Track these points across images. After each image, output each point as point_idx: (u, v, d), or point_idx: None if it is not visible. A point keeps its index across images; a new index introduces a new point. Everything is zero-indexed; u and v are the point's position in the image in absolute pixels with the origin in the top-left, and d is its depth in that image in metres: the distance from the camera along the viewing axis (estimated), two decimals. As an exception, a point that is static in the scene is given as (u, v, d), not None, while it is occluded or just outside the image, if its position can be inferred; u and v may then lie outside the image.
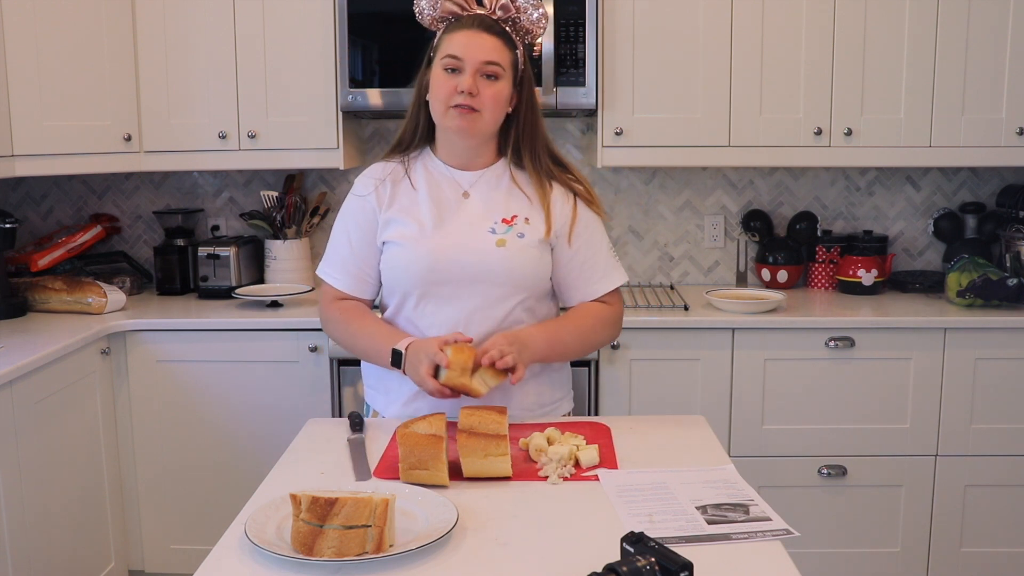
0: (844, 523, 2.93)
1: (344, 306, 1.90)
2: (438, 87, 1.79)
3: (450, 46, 1.78)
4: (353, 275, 1.90)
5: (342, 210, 1.93)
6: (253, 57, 3.06)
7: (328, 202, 3.46)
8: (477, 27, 1.79)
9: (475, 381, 1.68)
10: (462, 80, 1.76)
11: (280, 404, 2.91)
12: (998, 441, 2.88)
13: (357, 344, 1.88)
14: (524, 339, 1.76)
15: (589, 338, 1.89)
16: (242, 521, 1.36)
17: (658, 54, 3.01)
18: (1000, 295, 2.93)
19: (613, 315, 1.92)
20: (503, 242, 1.82)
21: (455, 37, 1.79)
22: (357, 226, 1.89)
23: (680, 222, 3.47)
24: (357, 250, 1.89)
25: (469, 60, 1.76)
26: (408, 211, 1.85)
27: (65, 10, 2.92)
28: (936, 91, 3.00)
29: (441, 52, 1.80)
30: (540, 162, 1.88)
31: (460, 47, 1.77)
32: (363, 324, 1.87)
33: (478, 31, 1.78)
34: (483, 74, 1.77)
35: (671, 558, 1.11)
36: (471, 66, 1.76)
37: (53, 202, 3.54)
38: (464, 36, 1.78)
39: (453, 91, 1.77)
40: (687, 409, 2.87)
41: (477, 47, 1.77)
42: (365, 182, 1.91)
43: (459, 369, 1.66)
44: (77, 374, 2.70)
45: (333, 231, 1.94)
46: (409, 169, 1.89)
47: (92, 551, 2.79)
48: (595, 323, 1.89)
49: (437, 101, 1.80)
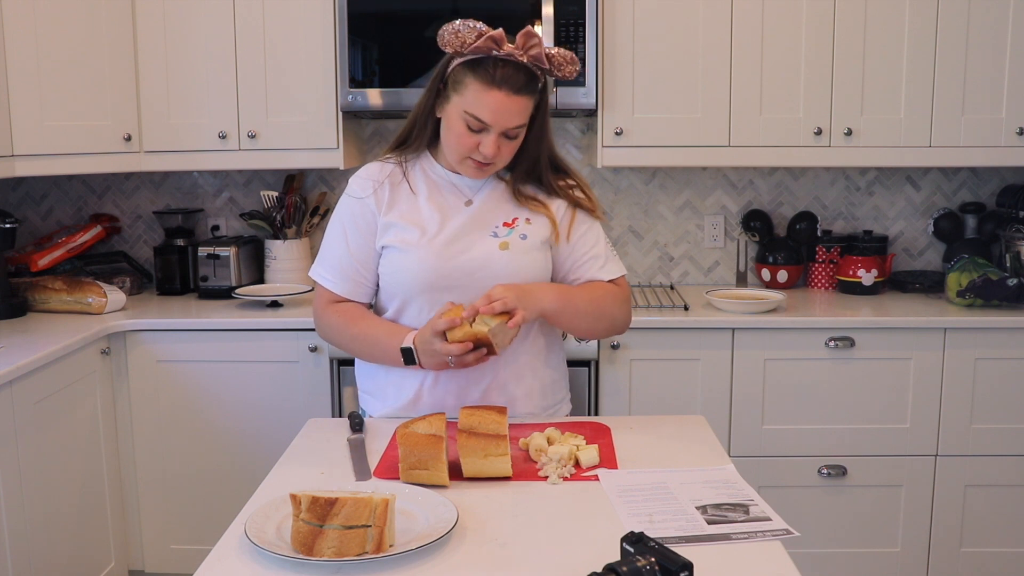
0: (844, 523, 2.93)
1: (341, 308, 1.87)
2: (457, 140, 1.75)
3: (478, 106, 1.69)
4: (350, 278, 1.87)
5: (337, 211, 1.89)
6: (253, 57, 3.06)
7: (328, 202, 3.46)
8: (508, 89, 1.69)
9: (476, 325, 1.66)
10: (485, 144, 1.72)
11: (280, 404, 2.91)
12: (998, 441, 2.88)
13: (359, 346, 1.86)
14: (528, 287, 1.75)
15: (600, 304, 1.84)
16: (242, 521, 1.36)
17: (658, 54, 3.01)
18: (1000, 295, 2.93)
19: (622, 294, 1.90)
20: (506, 245, 1.81)
21: (485, 99, 1.69)
22: (356, 229, 1.85)
23: (680, 222, 3.47)
24: (355, 253, 1.85)
25: (496, 126, 1.72)
26: (409, 216, 1.82)
27: (65, 10, 2.92)
28: (936, 91, 3.00)
29: (465, 100, 1.71)
30: (543, 178, 1.86)
31: (489, 113, 1.69)
32: (363, 326, 1.84)
33: (508, 94, 1.69)
34: (507, 136, 1.75)
35: (671, 558, 1.11)
36: (497, 130, 1.72)
37: (53, 202, 3.54)
38: (494, 101, 1.69)
39: (474, 148, 1.74)
40: (687, 409, 2.87)
41: (506, 113, 1.70)
42: (362, 184, 1.86)
43: (459, 328, 1.67)
44: (77, 374, 2.70)
45: (328, 233, 1.90)
46: (407, 172, 1.87)
47: (92, 551, 2.79)
48: (605, 294, 1.86)
49: (453, 150, 1.77)
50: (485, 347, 1.69)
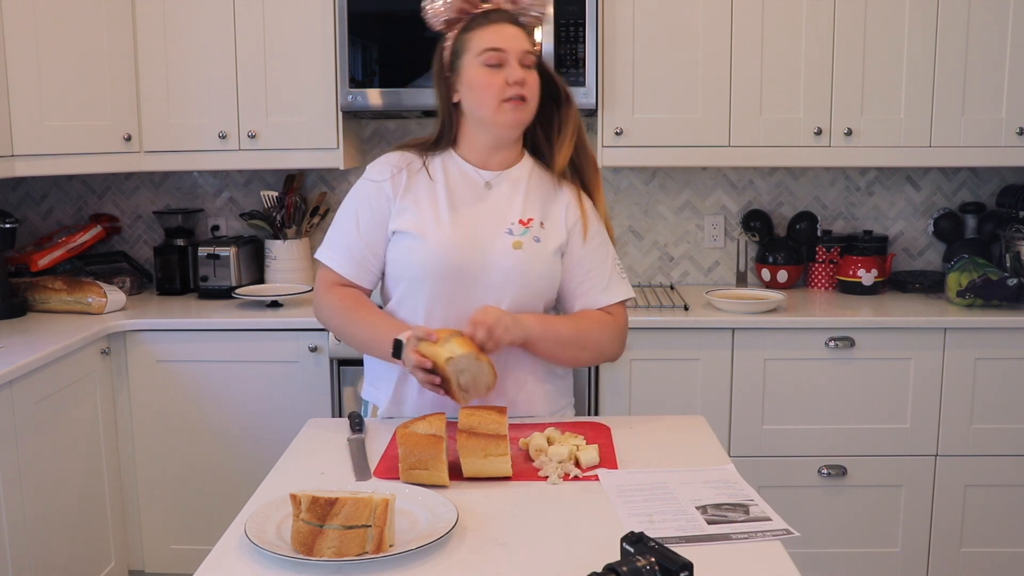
0: (844, 523, 2.93)
1: (343, 292, 1.85)
2: (486, 84, 1.76)
3: (487, 39, 1.76)
4: (357, 261, 1.85)
5: (351, 194, 1.88)
6: (253, 57, 3.06)
7: (328, 202, 3.46)
8: (504, 20, 1.78)
9: (443, 348, 1.64)
10: (511, 72, 1.75)
11: (280, 404, 2.91)
12: (998, 441, 2.88)
13: (355, 332, 1.83)
14: (511, 313, 1.74)
15: (585, 334, 1.84)
16: (242, 521, 1.36)
17: (658, 54, 3.01)
18: (1000, 295, 2.93)
19: (614, 324, 1.87)
20: (519, 244, 1.80)
21: (488, 32, 1.76)
22: (369, 210, 1.84)
23: (680, 222, 3.47)
24: (365, 235, 1.84)
25: (512, 51, 1.75)
26: (424, 202, 1.81)
27: (65, 10, 2.92)
28: (936, 91, 3.00)
29: (474, 49, 1.77)
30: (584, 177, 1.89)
31: (500, 39, 1.76)
32: (363, 313, 1.82)
33: (506, 24, 1.78)
34: (524, 64, 1.77)
35: (671, 558, 1.11)
36: (515, 56, 1.76)
37: (53, 202, 3.55)
38: (498, 29, 1.76)
39: (503, 85, 1.75)
40: (687, 409, 2.87)
41: (514, 37, 1.77)
42: (381, 168, 1.85)
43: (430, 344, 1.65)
44: (77, 374, 2.70)
45: (339, 215, 1.88)
46: (427, 162, 1.86)
47: (92, 551, 2.79)
48: (592, 324, 1.85)
49: (488, 98, 1.76)
50: (440, 377, 1.65)
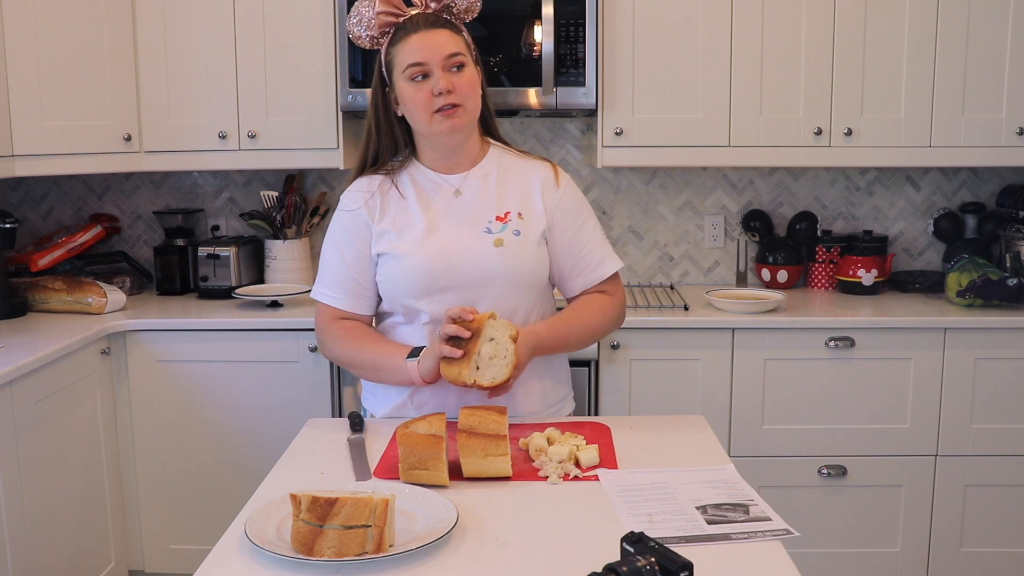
0: (844, 523, 2.93)
1: (345, 325, 1.86)
2: (414, 100, 1.76)
3: (407, 55, 1.75)
4: (350, 291, 1.86)
5: (331, 229, 1.89)
6: (253, 57, 3.06)
7: (328, 202, 3.46)
8: (424, 27, 1.76)
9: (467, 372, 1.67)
10: (435, 83, 1.74)
11: (280, 404, 2.91)
12: (998, 441, 2.88)
13: (364, 358, 1.82)
14: (535, 341, 1.77)
15: (595, 333, 1.90)
16: (242, 521, 1.36)
17: (658, 54, 3.01)
18: (1000, 295, 2.93)
19: (613, 303, 1.92)
20: (500, 242, 1.81)
21: (407, 45, 1.75)
22: (350, 241, 1.85)
23: (680, 222, 3.47)
24: (352, 265, 1.85)
25: (433, 61, 1.74)
26: (400, 221, 1.82)
27: (65, 10, 2.92)
28: (936, 91, 2.99)
29: (399, 64, 1.76)
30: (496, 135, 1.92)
31: (418, 52, 1.74)
32: (369, 340, 1.84)
33: (426, 30, 1.75)
34: (450, 68, 1.76)
35: (671, 558, 1.11)
36: (437, 65, 1.74)
37: (53, 202, 3.54)
38: (416, 40, 1.75)
39: (430, 97, 1.75)
40: (687, 409, 2.87)
41: (433, 45, 1.74)
42: (353, 196, 1.86)
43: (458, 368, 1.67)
44: (77, 374, 2.70)
45: (323, 251, 1.90)
46: (395, 179, 1.87)
47: (92, 551, 2.79)
48: (600, 317, 1.89)
49: (419, 113, 1.77)
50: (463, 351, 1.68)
